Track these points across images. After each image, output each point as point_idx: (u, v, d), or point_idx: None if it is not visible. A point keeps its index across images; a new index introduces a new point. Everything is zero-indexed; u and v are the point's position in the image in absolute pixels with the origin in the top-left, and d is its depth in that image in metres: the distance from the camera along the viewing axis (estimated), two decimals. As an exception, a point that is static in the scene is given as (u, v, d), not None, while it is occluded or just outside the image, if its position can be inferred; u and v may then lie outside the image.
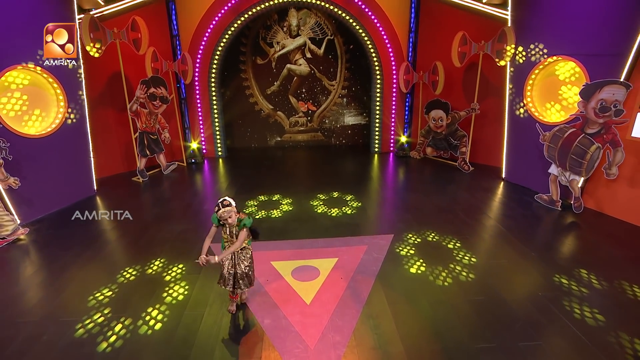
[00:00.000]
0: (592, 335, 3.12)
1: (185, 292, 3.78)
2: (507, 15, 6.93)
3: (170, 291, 3.82)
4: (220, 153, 9.27)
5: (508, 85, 6.94)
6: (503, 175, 7.30)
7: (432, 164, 8.46)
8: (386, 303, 3.56)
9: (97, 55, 6.45)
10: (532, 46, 6.33)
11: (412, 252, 4.55)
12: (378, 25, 8.48)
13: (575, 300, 3.60)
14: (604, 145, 5.19)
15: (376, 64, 8.81)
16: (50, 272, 4.25)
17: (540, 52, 6.19)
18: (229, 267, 3.33)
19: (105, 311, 3.49)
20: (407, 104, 9.12)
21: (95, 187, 6.81)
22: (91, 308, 3.54)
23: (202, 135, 9.06)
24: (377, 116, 9.24)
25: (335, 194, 6.56)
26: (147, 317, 3.40)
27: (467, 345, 3.00)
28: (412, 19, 8.50)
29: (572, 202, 5.76)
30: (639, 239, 4.89)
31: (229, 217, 3.14)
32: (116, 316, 3.42)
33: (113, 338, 3.14)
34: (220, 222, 3.22)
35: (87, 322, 3.34)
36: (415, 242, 4.81)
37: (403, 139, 9.14)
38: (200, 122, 8.97)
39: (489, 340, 3.06)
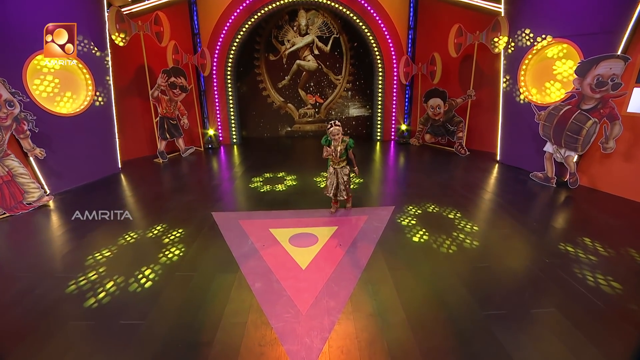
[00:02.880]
0: (609, 301, 2.63)
1: (180, 254, 3.40)
2: (500, 8, 6.40)
3: (167, 252, 3.46)
4: (235, 140, 8.93)
5: (502, 71, 6.39)
6: (498, 158, 6.76)
7: (430, 150, 7.93)
8: (386, 269, 3.09)
9: (122, 44, 6.16)
10: (526, 32, 5.79)
11: (413, 222, 4.08)
12: (380, 22, 8.02)
13: (585, 267, 3.09)
14: (601, 119, 4.64)
15: (378, 58, 8.34)
16: (61, 234, 3.96)
17: (534, 38, 5.65)
18: (333, 180, 4.07)
19: (100, 270, 3.14)
20: (407, 95, 8.61)
21: (119, 166, 6.53)
22: (87, 266, 3.20)
23: (219, 123, 8.72)
24: (379, 106, 8.77)
25: (339, 173, 6.12)
26: (140, 276, 3.03)
27: (475, 313, 2.50)
28: (410, 16, 8.01)
29: (567, 179, 5.20)
30: (635, 212, 4.34)
31: (337, 135, 3.83)
32: (109, 274, 3.06)
33: (102, 295, 2.78)
34: (328, 139, 3.87)
35: (81, 278, 3.01)
36: (417, 212, 4.34)
37: (403, 127, 8.64)
38: (218, 112, 8.63)
39: (498, 307, 2.57)
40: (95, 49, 5.82)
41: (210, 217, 4.28)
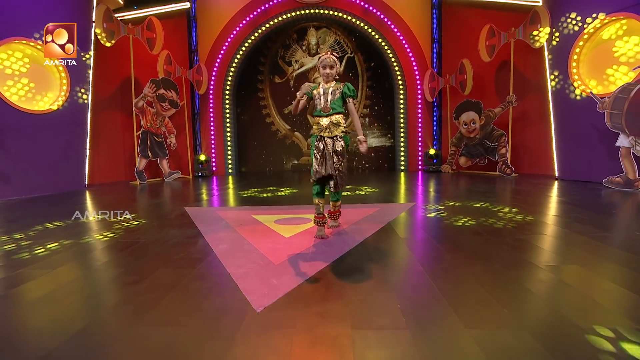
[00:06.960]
0: None
1: (126, 230, 2.98)
2: (538, 2, 6.56)
3: (110, 231, 3.03)
4: (230, 171, 8.76)
5: (548, 68, 6.21)
6: (557, 175, 6.15)
7: (467, 176, 7.40)
8: (401, 240, 2.54)
9: (108, 44, 6.52)
10: (572, 16, 5.75)
11: (442, 212, 3.51)
12: (398, 34, 8.37)
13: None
14: (687, 90, 4.18)
15: (399, 75, 8.49)
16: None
17: (582, 20, 5.57)
18: (321, 158, 2.59)
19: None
20: (434, 115, 8.49)
21: (86, 182, 6.34)
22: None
23: (213, 151, 8.69)
24: (402, 131, 8.62)
25: (349, 186, 5.67)
26: (56, 245, 2.63)
27: (541, 271, 1.93)
28: (434, 26, 8.35)
29: (655, 177, 4.53)
30: None
31: (332, 66, 2.64)
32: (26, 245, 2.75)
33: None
34: (313, 87, 2.74)
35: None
36: (447, 206, 3.79)
37: (432, 151, 8.29)
38: (212, 137, 8.69)
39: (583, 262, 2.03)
40: (77, 47, 6.14)
41: (182, 209, 3.88)
